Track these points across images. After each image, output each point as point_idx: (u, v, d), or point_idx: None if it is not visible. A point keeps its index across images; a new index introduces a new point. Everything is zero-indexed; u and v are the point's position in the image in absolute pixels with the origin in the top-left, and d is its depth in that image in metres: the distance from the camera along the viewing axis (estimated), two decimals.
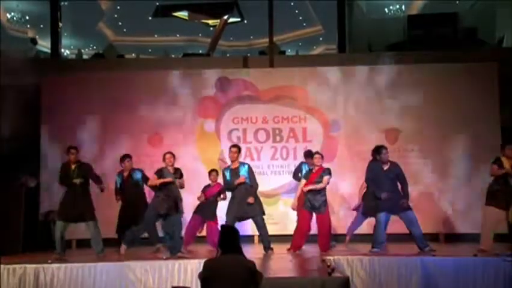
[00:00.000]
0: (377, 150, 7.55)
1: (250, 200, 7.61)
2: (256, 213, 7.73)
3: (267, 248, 7.73)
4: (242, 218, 7.81)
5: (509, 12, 12.55)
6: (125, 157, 8.30)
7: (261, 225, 7.76)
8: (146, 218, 7.47)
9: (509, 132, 9.43)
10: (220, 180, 8.28)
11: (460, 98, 9.68)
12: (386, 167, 7.45)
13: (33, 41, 12.53)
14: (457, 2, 13.71)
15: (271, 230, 8.21)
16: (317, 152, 8.04)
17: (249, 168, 7.86)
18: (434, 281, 6.11)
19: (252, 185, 7.73)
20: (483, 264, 6.11)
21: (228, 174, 7.83)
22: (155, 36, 17.03)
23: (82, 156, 9.52)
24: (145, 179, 8.19)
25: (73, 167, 7.47)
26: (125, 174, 8.24)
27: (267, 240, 7.78)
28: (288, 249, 7.77)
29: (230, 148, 7.98)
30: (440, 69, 9.84)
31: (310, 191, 7.62)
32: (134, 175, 8.21)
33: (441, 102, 9.70)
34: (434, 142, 9.56)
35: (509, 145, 7.31)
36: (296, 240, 7.77)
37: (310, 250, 7.77)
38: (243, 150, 9.83)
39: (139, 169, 8.37)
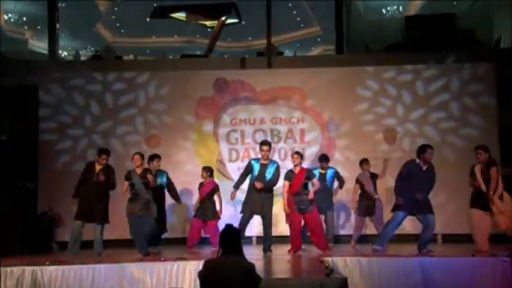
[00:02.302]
0: (422, 148, 7.25)
1: (258, 185, 7.58)
2: (268, 212, 7.67)
3: (267, 250, 7.69)
4: (255, 213, 7.78)
5: (507, 13, 12.59)
6: (155, 157, 8.15)
7: (267, 224, 7.70)
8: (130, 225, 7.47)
9: (506, 132, 9.45)
10: (215, 179, 8.31)
11: (457, 98, 9.70)
12: (425, 167, 7.21)
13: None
14: (455, 3, 13.75)
15: None
16: (297, 152, 8.06)
17: (278, 167, 7.81)
18: (432, 281, 6.10)
19: (271, 182, 7.70)
20: (481, 264, 6.11)
21: (257, 167, 7.76)
22: (153, 37, 17.04)
23: (80, 157, 9.60)
24: (169, 181, 8.21)
25: (98, 168, 7.51)
26: (152, 173, 8.17)
27: (269, 240, 7.71)
28: (289, 251, 7.77)
29: (261, 146, 7.85)
30: (438, 70, 9.86)
31: (296, 193, 7.65)
32: (159, 176, 8.13)
33: (439, 102, 9.73)
34: (431, 142, 9.53)
35: (479, 150, 7.28)
36: (295, 242, 7.77)
37: (309, 251, 7.77)
38: (241, 151, 9.87)
39: (165, 171, 8.32)
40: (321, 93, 9.94)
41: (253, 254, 7.60)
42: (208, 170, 8.46)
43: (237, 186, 7.94)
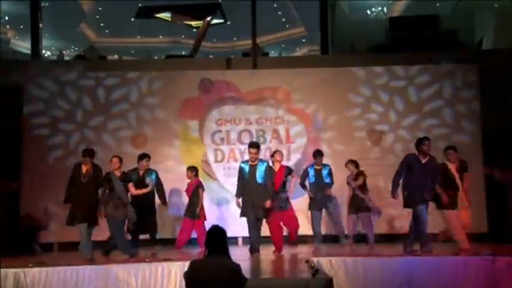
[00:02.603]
0: (419, 141, 7.24)
1: (267, 204, 7.42)
2: (262, 215, 7.58)
3: (255, 251, 7.59)
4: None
5: (488, 15, 12.74)
6: (144, 156, 8.18)
7: (258, 227, 7.59)
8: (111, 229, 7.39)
9: (490, 133, 9.57)
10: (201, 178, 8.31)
11: (440, 99, 9.80)
12: (425, 160, 7.18)
13: None
14: (438, 4, 13.86)
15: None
16: (277, 150, 8.05)
17: (267, 166, 7.65)
18: (417, 280, 6.15)
19: (266, 185, 7.52)
20: (465, 263, 6.18)
21: (246, 168, 7.61)
22: (138, 37, 16.91)
23: (65, 157, 9.52)
24: (158, 181, 8.18)
25: (84, 169, 7.36)
26: (141, 173, 8.15)
27: (257, 243, 7.61)
28: (274, 251, 7.78)
29: (249, 149, 7.70)
30: (422, 71, 9.95)
31: (276, 190, 7.71)
32: (148, 175, 8.12)
33: (422, 103, 9.83)
34: (410, 142, 9.64)
35: (450, 150, 7.39)
36: (278, 242, 7.79)
37: (294, 251, 7.79)
38: (226, 152, 9.86)
39: (154, 170, 8.29)
40: (306, 93, 9.97)
41: (239, 254, 7.61)
42: (193, 170, 8.52)
43: (238, 194, 7.70)
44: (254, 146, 7.71)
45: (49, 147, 9.64)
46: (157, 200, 8.28)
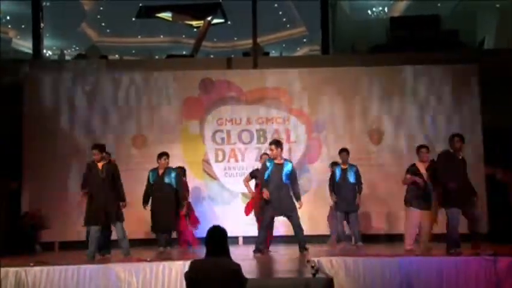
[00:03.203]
0: (450, 138, 7.06)
1: (299, 205, 7.40)
2: (292, 210, 7.48)
3: (303, 248, 7.43)
4: (279, 215, 7.64)
5: (489, 15, 12.74)
6: (162, 155, 8.19)
7: (296, 223, 7.48)
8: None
9: (491, 133, 9.56)
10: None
11: (441, 99, 9.79)
12: (460, 156, 6.98)
13: None
14: (439, 4, 13.86)
15: (254, 231, 8.19)
16: (265, 153, 8.07)
17: (293, 166, 7.61)
18: (417, 280, 6.15)
19: (292, 184, 7.49)
20: (465, 263, 6.18)
21: (271, 167, 7.51)
22: (139, 37, 16.93)
23: (66, 156, 9.52)
24: (178, 179, 8.17)
25: (100, 165, 7.24)
26: (160, 171, 8.15)
27: (302, 239, 7.49)
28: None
29: (270, 146, 7.64)
30: (423, 71, 9.95)
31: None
32: (167, 174, 8.12)
33: (423, 103, 9.82)
34: (416, 142, 9.62)
35: (422, 149, 7.39)
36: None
37: (295, 251, 7.78)
38: (227, 152, 9.86)
39: (174, 168, 8.31)
40: (307, 93, 9.97)
41: (239, 254, 7.60)
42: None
43: (265, 185, 7.54)
44: (271, 143, 7.67)
45: (50, 147, 9.63)
46: None
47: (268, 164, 7.54)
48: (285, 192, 7.45)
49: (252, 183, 8.42)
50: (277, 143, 7.60)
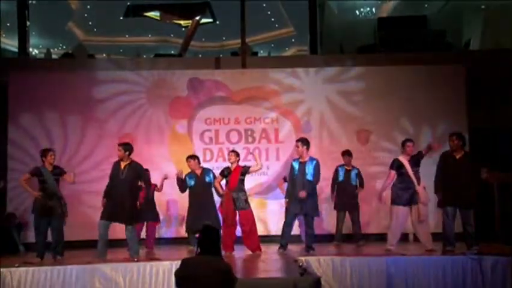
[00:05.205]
0: (449, 137, 7.12)
1: (301, 194, 7.33)
2: (310, 211, 7.47)
3: (309, 248, 7.47)
4: (297, 214, 7.63)
5: (476, 16, 12.86)
6: (191, 157, 8.23)
7: (310, 225, 7.49)
8: (35, 224, 7.21)
9: (477, 133, 9.64)
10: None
11: (428, 99, 9.86)
12: (458, 156, 7.01)
13: None
14: (426, 5, 13.96)
15: (237, 231, 8.16)
16: (232, 150, 8.08)
17: (317, 163, 7.53)
18: (404, 280, 6.19)
19: (312, 180, 7.45)
20: (451, 262, 6.23)
21: (296, 166, 7.54)
22: (127, 36, 16.85)
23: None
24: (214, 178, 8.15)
25: (123, 165, 7.17)
26: (198, 173, 8.09)
27: (311, 240, 7.52)
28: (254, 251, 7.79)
29: (296, 143, 7.65)
30: (410, 71, 10.01)
31: (233, 189, 7.67)
32: (206, 174, 8.11)
33: (410, 103, 9.88)
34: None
35: (409, 142, 7.40)
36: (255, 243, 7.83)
37: (283, 251, 7.79)
38: (215, 151, 9.84)
39: (209, 169, 8.31)
40: (295, 93, 9.99)
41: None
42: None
43: (292, 185, 7.61)
44: (299, 140, 7.69)
45: (35, 145, 9.54)
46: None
47: (293, 163, 7.61)
48: (309, 192, 7.40)
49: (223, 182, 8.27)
50: (303, 141, 7.61)
